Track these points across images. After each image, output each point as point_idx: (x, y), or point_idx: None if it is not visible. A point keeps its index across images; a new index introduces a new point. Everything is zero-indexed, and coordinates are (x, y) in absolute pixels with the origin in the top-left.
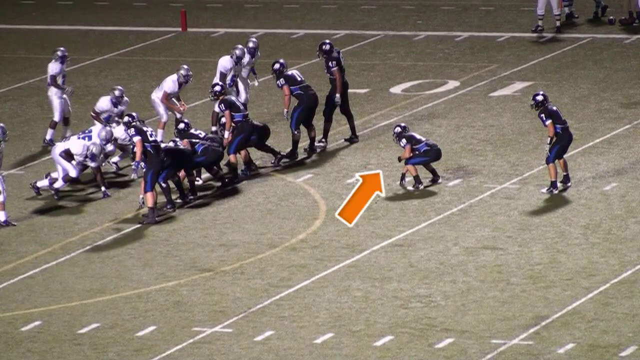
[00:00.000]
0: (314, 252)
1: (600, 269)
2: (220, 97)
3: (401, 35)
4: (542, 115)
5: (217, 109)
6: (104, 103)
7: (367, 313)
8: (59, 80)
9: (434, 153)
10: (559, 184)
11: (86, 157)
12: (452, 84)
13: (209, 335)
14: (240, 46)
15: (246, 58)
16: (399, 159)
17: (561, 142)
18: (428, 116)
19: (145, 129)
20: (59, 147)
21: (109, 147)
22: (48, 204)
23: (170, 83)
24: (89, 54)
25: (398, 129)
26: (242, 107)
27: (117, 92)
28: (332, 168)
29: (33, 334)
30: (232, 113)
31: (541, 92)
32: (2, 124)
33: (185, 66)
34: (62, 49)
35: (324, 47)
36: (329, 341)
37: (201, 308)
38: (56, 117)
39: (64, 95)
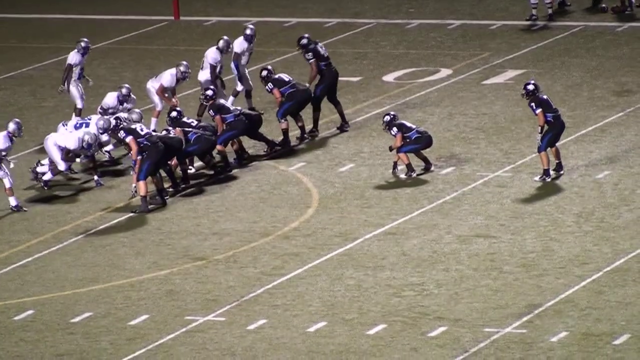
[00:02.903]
0: (306, 241)
1: (593, 257)
2: (210, 103)
3: (393, 24)
4: (533, 104)
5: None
6: (110, 99)
7: (360, 301)
8: (76, 71)
9: (425, 140)
10: (551, 172)
11: (82, 147)
12: (445, 72)
13: (201, 324)
14: (225, 37)
15: (244, 45)
16: (390, 149)
17: (553, 131)
18: (420, 104)
19: (133, 126)
20: (53, 137)
21: (104, 137)
22: (40, 193)
23: (168, 77)
24: None
25: (387, 118)
26: (231, 108)
27: (124, 90)
28: (324, 156)
29: (26, 323)
30: (223, 115)
31: (532, 81)
32: (17, 120)
33: (185, 62)
34: (85, 39)
35: (301, 41)
36: (322, 330)
37: (194, 297)
38: (79, 104)
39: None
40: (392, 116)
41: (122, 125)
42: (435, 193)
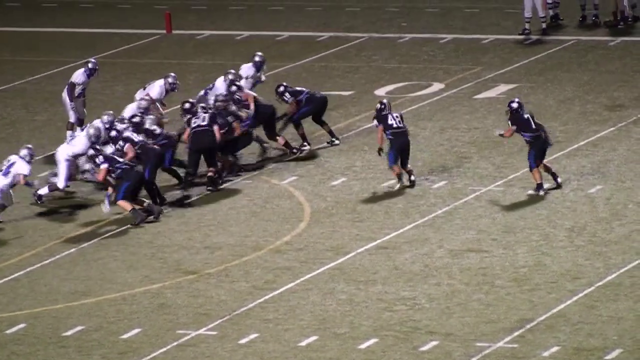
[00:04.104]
0: (298, 255)
1: (585, 271)
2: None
3: (386, 38)
4: (510, 121)
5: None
6: (129, 111)
7: (352, 316)
8: (77, 89)
9: (400, 137)
10: (546, 185)
11: (92, 142)
12: (437, 86)
13: (193, 337)
14: (259, 53)
15: (251, 71)
16: (379, 151)
17: (534, 149)
18: (413, 118)
19: (110, 152)
20: (65, 149)
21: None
22: (33, 207)
23: (157, 88)
24: (73, 56)
25: (281, 88)
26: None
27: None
28: (316, 170)
29: (18, 336)
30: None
31: (517, 100)
32: (29, 146)
33: (173, 74)
34: (93, 60)
35: (278, 89)
36: (314, 344)
37: (186, 311)
38: (71, 119)
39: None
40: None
41: (101, 153)
42: (427, 207)
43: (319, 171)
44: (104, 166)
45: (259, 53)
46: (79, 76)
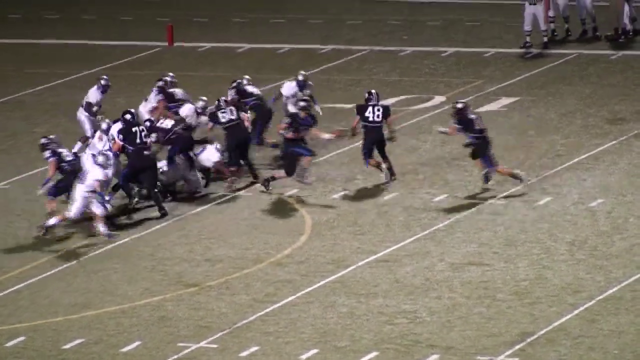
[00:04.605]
0: (299, 268)
1: (586, 285)
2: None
3: (387, 51)
4: (454, 120)
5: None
6: (186, 111)
7: (353, 329)
8: (95, 108)
9: (372, 131)
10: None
11: (108, 139)
12: (438, 99)
13: (194, 350)
14: (302, 72)
15: (293, 90)
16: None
17: (482, 151)
18: (414, 131)
19: (60, 150)
20: (88, 154)
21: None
22: (34, 219)
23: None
24: (75, 68)
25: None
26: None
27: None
28: (317, 183)
29: (17, 349)
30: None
31: (462, 101)
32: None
33: (171, 73)
34: (105, 77)
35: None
36: (314, 357)
37: (186, 323)
38: (88, 133)
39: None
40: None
41: (49, 147)
42: (428, 220)
43: (320, 184)
44: (52, 159)
45: (303, 72)
46: (94, 94)
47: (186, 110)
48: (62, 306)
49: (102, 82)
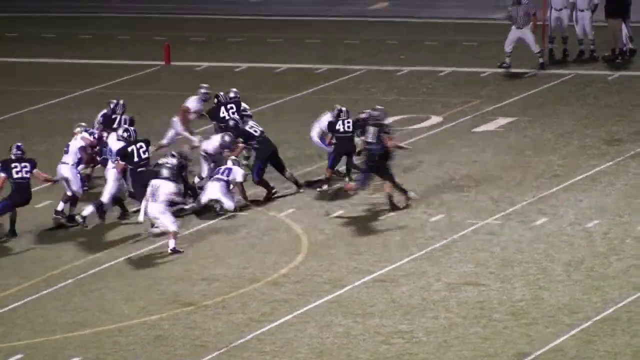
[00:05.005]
0: (295, 287)
1: (583, 306)
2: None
3: (384, 70)
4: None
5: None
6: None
7: (349, 349)
8: (192, 115)
9: (344, 142)
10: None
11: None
12: (435, 119)
13: None
14: (338, 106)
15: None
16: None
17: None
18: (410, 151)
19: (13, 165)
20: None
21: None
22: (30, 237)
23: (193, 101)
24: (72, 87)
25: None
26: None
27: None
28: (314, 203)
29: None
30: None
31: (367, 111)
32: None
33: (206, 85)
34: (205, 86)
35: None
36: None
37: (183, 342)
38: (165, 141)
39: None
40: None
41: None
42: (425, 240)
43: (317, 203)
44: (2, 175)
45: (339, 106)
46: (193, 103)
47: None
48: (59, 324)
49: (202, 90)
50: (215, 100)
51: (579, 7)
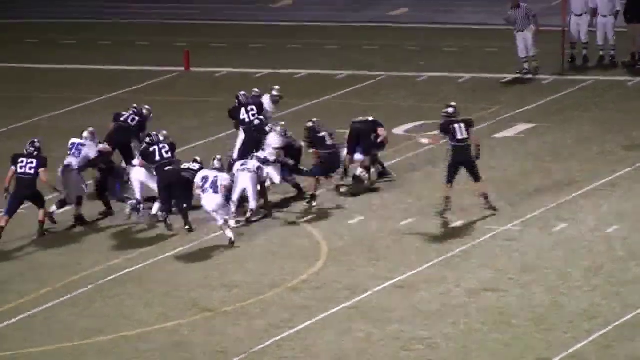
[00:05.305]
0: (315, 293)
1: (602, 311)
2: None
3: (404, 76)
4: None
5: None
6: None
7: (368, 354)
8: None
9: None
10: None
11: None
12: None
13: None
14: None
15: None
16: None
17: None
18: (430, 157)
19: (20, 159)
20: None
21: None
22: (49, 243)
23: (266, 101)
24: (93, 93)
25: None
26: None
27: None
28: (334, 209)
29: None
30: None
31: (452, 104)
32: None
33: (276, 87)
34: (276, 88)
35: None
36: None
37: (202, 349)
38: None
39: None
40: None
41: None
42: (444, 246)
43: (337, 210)
44: (12, 169)
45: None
46: (266, 104)
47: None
48: (78, 331)
49: (273, 92)
50: (236, 101)
51: (601, 13)
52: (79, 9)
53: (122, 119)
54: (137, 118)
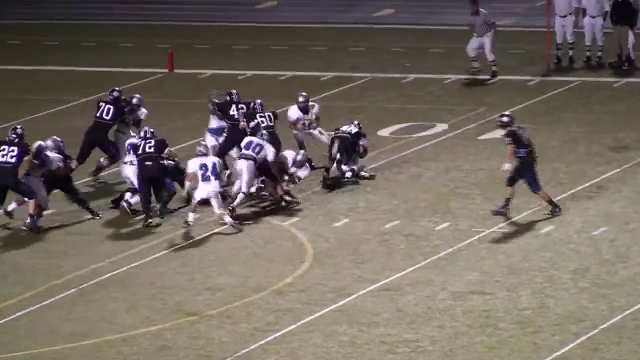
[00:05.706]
0: (300, 296)
1: (589, 314)
2: None
3: (389, 78)
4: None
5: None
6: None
7: (354, 358)
8: (299, 122)
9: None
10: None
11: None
12: (441, 126)
13: None
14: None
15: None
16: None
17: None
18: (416, 159)
19: (2, 147)
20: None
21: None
22: (33, 247)
23: (295, 111)
24: (75, 95)
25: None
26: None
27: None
28: (319, 211)
29: None
30: None
31: (507, 113)
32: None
33: (304, 93)
34: (304, 94)
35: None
36: None
37: (186, 352)
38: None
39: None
40: None
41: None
42: (430, 249)
43: (322, 212)
44: (26, 157)
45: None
46: (294, 112)
47: None
48: (62, 334)
49: (300, 98)
50: (228, 97)
51: (590, 14)
52: (62, 10)
53: (98, 113)
54: (112, 107)
